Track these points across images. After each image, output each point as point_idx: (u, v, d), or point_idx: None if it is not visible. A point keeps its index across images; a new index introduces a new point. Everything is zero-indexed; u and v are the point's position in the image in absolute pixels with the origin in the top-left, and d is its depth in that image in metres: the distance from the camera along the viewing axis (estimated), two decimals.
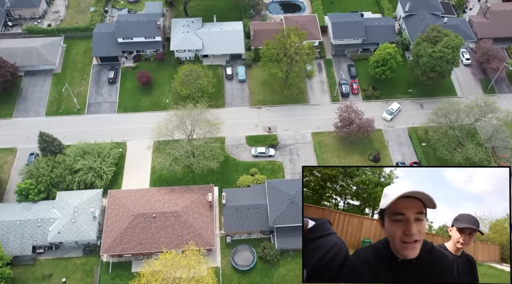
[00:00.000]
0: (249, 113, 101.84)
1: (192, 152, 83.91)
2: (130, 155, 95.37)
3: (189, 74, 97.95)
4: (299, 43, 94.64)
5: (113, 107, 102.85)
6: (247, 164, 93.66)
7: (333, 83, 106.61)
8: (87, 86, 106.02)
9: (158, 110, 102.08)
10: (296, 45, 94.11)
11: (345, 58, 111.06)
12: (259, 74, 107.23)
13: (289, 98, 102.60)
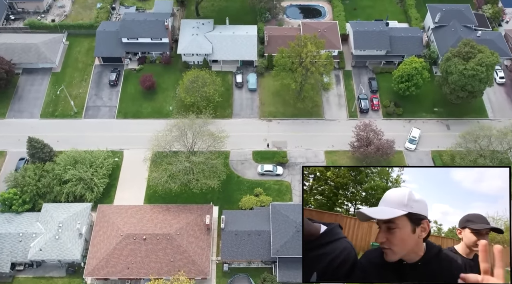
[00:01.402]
0: (258, 126, 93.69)
1: (191, 169, 75.99)
2: (126, 165, 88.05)
3: (195, 80, 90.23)
4: (316, 52, 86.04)
5: (112, 112, 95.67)
6: (252, 183, 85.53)
7: (352, 97, 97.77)
8: (86, 88, 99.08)
9: (160, 117, 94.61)
10: (313, 54, 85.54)
11: (366, 70, 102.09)
12: (271, 84, 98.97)
13: (302, 112, 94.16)
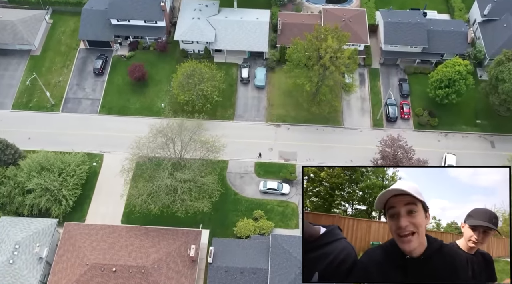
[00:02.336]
0: (263, 131, 79.01)
1: (174, 188, 61.94)
2: (105, 172, 74.58)
3: (191, 75, 75.54)
4: (338, 48, 70.35)
5: (95, 106, 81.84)
6: (252, 203, 71.40)
7: (378, 102, 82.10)
8: (68, 76, 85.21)
9: (150, 115, 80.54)
10: (334, 50, 69.89)
11: (396, 70, 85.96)
12: (282, 81, 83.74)
13: (317, 117, 79.01)
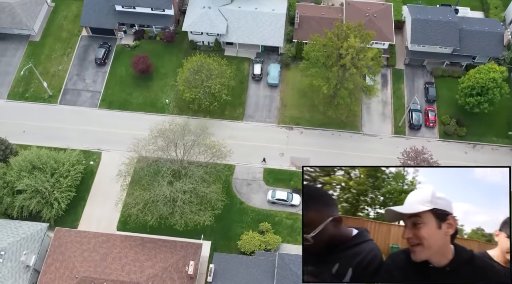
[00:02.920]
0: (274, 134, 72.94)
1: (172, 199, 56.40)
2: (102, 172, 69.40)
3: (198, 71, 69.39)
4: (361, 48, 63.58)
5: (95, 99, 76.29)
6: (259, 213, 65.81)
7: (400, 107, 75.36)
8: (68, 65, 79.60)
9: (153, 111, 74.87)
10: (356, 51, 63.14)
11: (422, 72, 78.84)
12: (297, 79, 77.23)
13: (334, 120, 72.65)
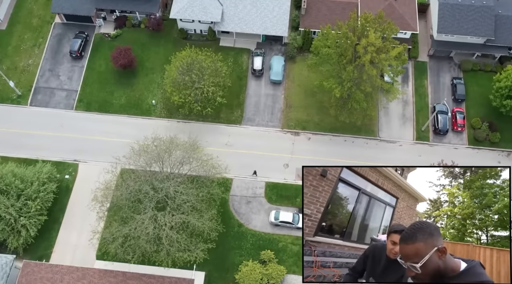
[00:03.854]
0: (278, 141, 63.20)
1: (157, 236, 47.21)
2: (79, 188, 60.20)
3: (187, 70, 58.90)
4: (382, 45, 52.84)
5: (71, 99, 66.12)
6: (259, 238, 56.95)
7: (423, 107, 65.21)
8: (39, 58, 68.99)
9: (138, 114, 64.94)
10: (376, 48, 52.47)
11: (449, 65, 68.10)
12: (304, 75, 66.75)
13: (346, 125, 62.72)
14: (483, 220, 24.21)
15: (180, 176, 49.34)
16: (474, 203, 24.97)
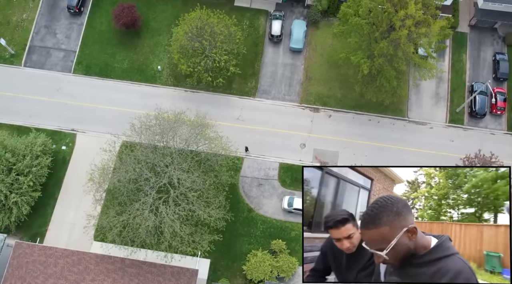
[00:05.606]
0: (295, 117, 57.23)
1: (158, 228, 42.59)
2: (77, 160, 55.39)
3: (197, 35, 52.13)
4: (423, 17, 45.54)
5: (68, 61, 60.02)
6: (270, 225, 52.36)
7: (460, 85, 58.38)
8: (34, 13, 62.29)
9: (142, 81, 58.91)
10: (415, 22, 45.25)
11: (492, 37, 60.42)
12: (328, 43, 59.68)
13: (372, 103, 56.28)
14: (455, 200, 25.12)
15: (185, 160, 43.97)
16: (448, 183, 26.07)
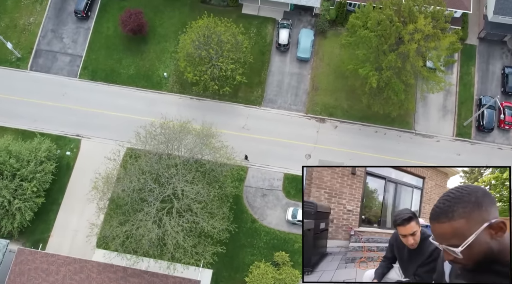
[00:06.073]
0: (301, 127, 56.89)
1: (161, 240, 42.40)
2: (81, 166, 55.25)
3: (204, 44, 51.82)
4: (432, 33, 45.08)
5: (74, 65, 59.86)
6: (274, 236, 52.09)
7: (468, 99, 57.89)
8: (41, 16, 62.17)
9: (148, 87, 58.68)
10: (424, 36, 44.82)
11: (502, 50, 59.85)
12: (335, 53, 59.28)
13: (379, 114, 55.81)
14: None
15: (189, 171, 43.73)
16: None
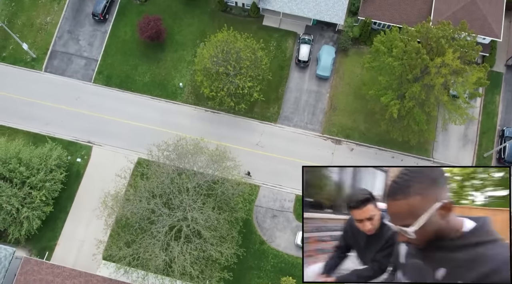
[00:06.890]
0: (316, 148, 55.66)
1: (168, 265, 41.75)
2: (91, 174, 54.68)
3: (223, 60, 50.45)
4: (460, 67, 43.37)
5: (90, 69, 58.88)
6: (282, 260, 51.31)
7: (490, 129, 56.12)
8: (59, 16, 61.06)
9: (163, 96, 57.64)
10: (451, 70, 43.14)
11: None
12: (356, 73, 57.66)
13: (396, 140, 54.17)
14: (483, 180, 22.65)
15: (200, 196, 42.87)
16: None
